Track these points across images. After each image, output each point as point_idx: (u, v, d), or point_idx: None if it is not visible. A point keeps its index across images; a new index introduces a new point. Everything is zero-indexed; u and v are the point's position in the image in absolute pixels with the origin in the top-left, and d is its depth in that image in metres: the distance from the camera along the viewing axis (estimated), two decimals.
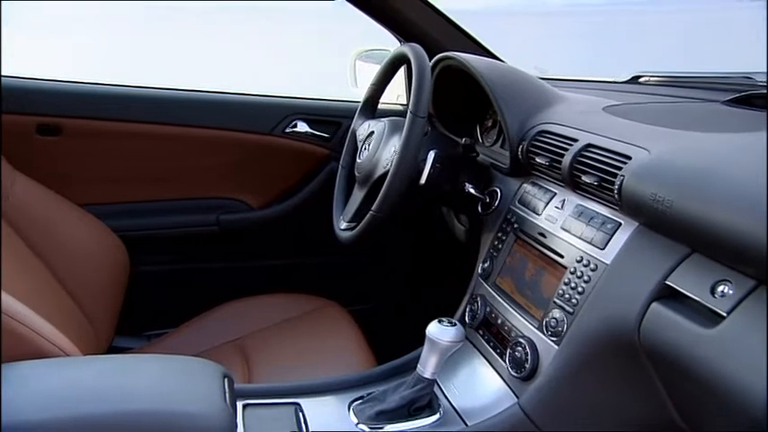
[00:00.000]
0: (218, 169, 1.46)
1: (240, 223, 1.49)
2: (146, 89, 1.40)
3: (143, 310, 1.39)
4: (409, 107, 1.00)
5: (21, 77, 1.32)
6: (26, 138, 1.28)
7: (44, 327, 0.85)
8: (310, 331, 1.30)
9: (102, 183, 1.38)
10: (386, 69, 1.20)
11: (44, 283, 1.12)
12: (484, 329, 0.97)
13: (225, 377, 0.83)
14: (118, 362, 0.84)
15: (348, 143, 1.26)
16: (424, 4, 1.36)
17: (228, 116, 1.42)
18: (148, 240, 1.41)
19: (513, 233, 0.99)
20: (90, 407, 0.71)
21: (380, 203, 1.01)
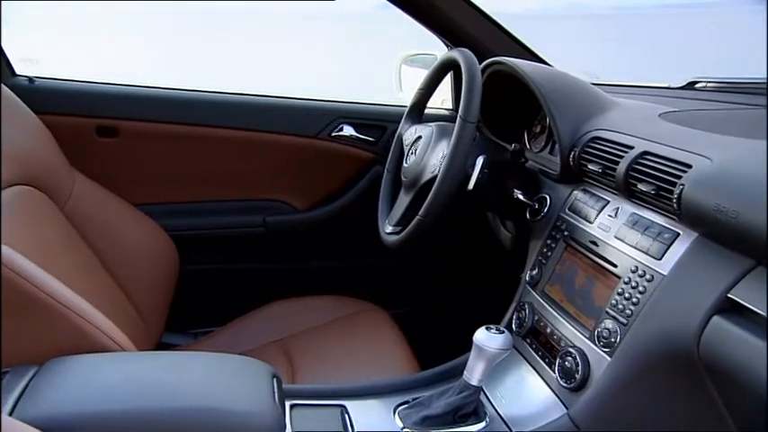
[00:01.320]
0: (266, 171, 1.48)
1: (286, 225, 1.51)
2: (199, 93, 1.44)
3: (190, 308, 1.42)
4: (459, 112, 0.99)
5: (82, 81, 1.38)
6: (86, 139, 1.33)
7: (103, 322, 0.88)
8: (353, 334, 1.31)
9: (155, 183, 1.42)
10: (434, 74, 1.19)
11: (101, 279, 1.16)
12: (531, 338, 0.96)
13: (274, 377, 0.85)
14: (171, 358, 0.87)
15: (394, 147, 1.26)
16: (471, 8, 1.35)
17: (277, 120, 1.45)
18: (197, 240, 1.44)
19: (562, 240, 0.97)
20: (145, 402, 0.73)
21: (428, 208, 1.01)
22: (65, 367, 0.77)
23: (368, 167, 1.52)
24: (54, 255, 1.01)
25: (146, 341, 1.23)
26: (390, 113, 1.53)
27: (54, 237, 1.09)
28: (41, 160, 1.12)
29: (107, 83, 1.40)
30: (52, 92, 1.32)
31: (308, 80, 3.55)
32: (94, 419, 0.70)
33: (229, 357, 0.86)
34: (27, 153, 1.08)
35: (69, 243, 1.13)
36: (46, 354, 0.81)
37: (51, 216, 1.11)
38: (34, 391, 0.73)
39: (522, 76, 1.08)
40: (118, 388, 0.74)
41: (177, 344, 1.40)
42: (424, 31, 1.42)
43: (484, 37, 1.34)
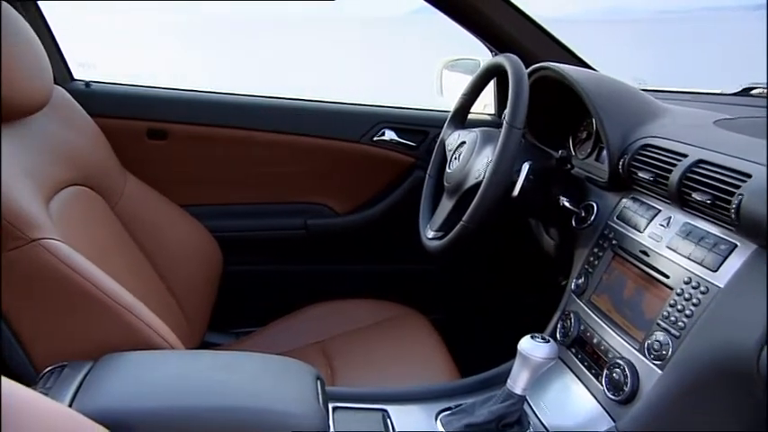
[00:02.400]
0: (308, 175, 1.50)
1: (326, 228, 1.52)
2: (245, 97, 1.47)
3: (232, 308, 1.45)
4: (506, 118, 0.99)
5: (134, 85, 1.42)
6: (137, 141, 1.37)
7: (154, 321, 0.91)
8: (392, 338, 1.31)
9: (201, 185, 1.45)
10: (479, 79, 1.19)
11: (148, 278, 1.20)
12: (577, 348, 0.94)
13: (317, 379, 0.86)
14: (219, 358, 0.88)
15: (436, 152, 1.26)
16: (517, 13, 1.34)
17: (320, 124, 1.47)
18: (240, 241, 1.47)
19: (610, 249, 0.95)
20: (196, 400, 0.75)
21: (472, 214, 1.01)
22: (119, 363, 0.80)
23: (409, 172, 1.52)
24: (106, 253, 1.04)
25: (190, 340, 1.25)
26: (432, 118, 1.53)
27: (106, 236, 1.13)
28: (96, 162, 1.16)
29: (158, 87, 1.44)
30: (107, 95, 1.37)
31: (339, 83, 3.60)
32: (147, 415, 0.72)
33: (274, 358, 0.87)
34: (83, 155, 1.12)
35: (120, 242, 1.17)
36: (100, 349, 0.84)
37: (104, 216, 1.15)
38: (91, 386, 0.76)
39: (570, 82, 1.07)
40: (169, 385, 0.76)
41: (219, 343, 1.43)
42: (459, 36, 1.41)
43: (529, 42, 1.33)
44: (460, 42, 1.54)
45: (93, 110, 1.21)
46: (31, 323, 0.87)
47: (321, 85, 2.87)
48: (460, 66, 1.64)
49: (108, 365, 0.79)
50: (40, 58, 0.99)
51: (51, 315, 0.87)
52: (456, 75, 1.63)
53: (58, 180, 1.02)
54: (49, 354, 0.86)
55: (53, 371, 0.80)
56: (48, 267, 0.84)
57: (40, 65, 0.99)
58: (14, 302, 0.86)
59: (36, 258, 0.84)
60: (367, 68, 4.20)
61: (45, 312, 0.87)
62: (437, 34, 1.44)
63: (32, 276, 0.85)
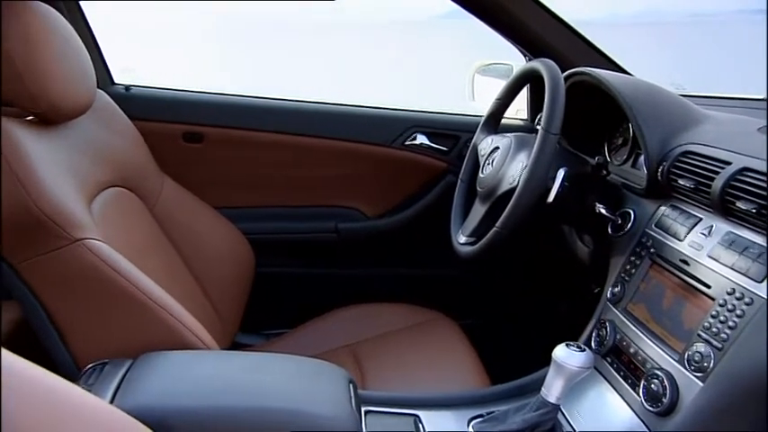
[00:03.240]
0: (340, 179, 1.51)
1: (357, 232, 1.53)
2: (279, 101, 1.49)
3: (263, 310, 1.46)
4: (542, 123, 0.98)
5: (171, 89, 1.45)
6: (174, 144, 1.40)
7: (190, 321, 0.92)
8: (422, 343, 1.31)
9: (235, 187, 1.48)
10: (514, 84, 1.18)
11: (183, 279, 1.22)
12: (613, 357, 0.93)
13: (350, 382, 0.86)
14: (254, 359, 0.90)
15: (469, 157, 1.26)
16: (551, 17, 1.33)
17: (353, 128, 1.48)
18: (272, 244, 1.49)
19: (648, 258, 0.94)
20: (232, 400, 0.76)
21: (506, 220, 1.00)
22: (157, 362, 0.81)
23: (440, 177, 1.52)
24: (144, 254, 1.07)
25: (222, 340, 1.27)
26: (464, 123, 1.53)
27: (144, 236, 1.16)
28: (136, 164, 1.18)
29: (194, 91, 1.47)
30: (145, 99, 1.40)
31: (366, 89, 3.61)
32: (185, 414, 0.73)
33: (308, 360, 0.88)
34: (123, 157, 1.15)
35: (157, 243, 1.19)
36: (139, 348, 0.85)
37: (142, 217, 1.17)
38: (130, 384, 0.77)
39: (607, 88, 1.06)
40: (206, 385, 0.78)
41: (250, 344, 1.45)
42: (486, 40, 1.40)
43: (564, 46, 1.32)
44: (488, 46, 1.54)
45: (132, 113, 1.24)
46: (73, 321, 0.89)
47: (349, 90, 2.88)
48: (492, 70, 1.63)
49: (147, 364, 0.81)
50: (86, 64, 1.02)
51: (93, 313, 0.89)
52: (488, 79, 1.62)
53: (100, 181, 1.05)
54: (89, 351, 0.89)
55: (94, 368, 0.83)
56: (90, 267, 0.87)
57: (85, 70, 1.02)
58: (58, 300, 0.88)
59: (79, 258, 0.86)
60: (395, 73, 4.21)
61: (87, 311, 0.89)
62: (465, 38, 1.44)
63: (75, 275, 0.87)
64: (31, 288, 0.87)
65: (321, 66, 4.34)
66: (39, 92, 0.90)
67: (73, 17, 1.29)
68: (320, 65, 4.34)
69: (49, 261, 0.86)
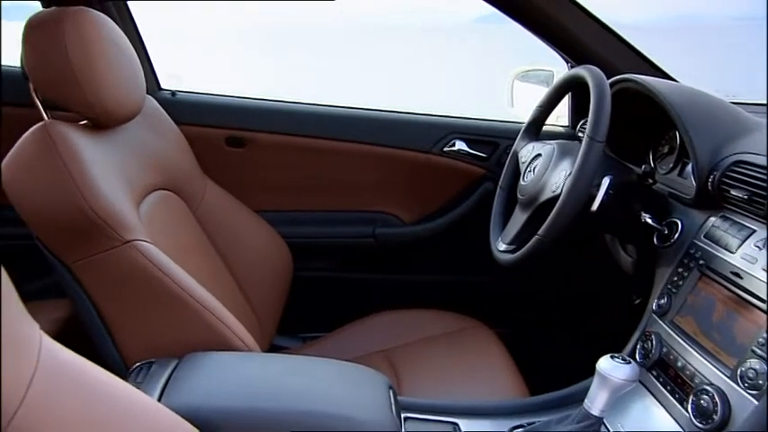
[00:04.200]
0: (378, 184, 1.52)
1: (394, 237, 1.53)
2: (318, 107, 1.51)
3: (300, 313, 1.48)
4: (587, 131, 0.97)
5: (215, 95, 1.48)
6: (217, 148, 1.43)
7: (233, 323, 0.94)
8: (458, 350, 1.30)
9: (275, 191, 1.50)
10: (557, 91, 1.17)
11: (225, 281, 1.24)
12: (659, 370, 0.90)
13: (390, 388, 0.86)
14: (295, 362, 0.90)
15: (509, 164, 1.25)
16: (594, 22, 1.31)
17: (392, 134, 1.48)
18: (310, 248, 1.50)
19: (696, 269, 0.91)
20: (276, 402, 0.77)
21: (548, 228, 0.99)
22: (202, 362, 0.83)
23: (478, 183, 1.51)
24: (187, 256, 1.09)
25: (260, 342, 1.28)
26: (503, 129, 1.52)
27: (188, 239, 1.18)
28: (181, 167, 1.21)
29: (237, 96, 1.50)
30: (190, 105, 1.44)
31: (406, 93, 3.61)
32: (229, 414, 0.75)
33: (349, 365, 0.89)
34: (169, 161, 1.18)
35: (199, 245, 1.22)
36: (184, 348, 0.87)
37: (186, 219, 1.20)
38: (177, 383, 0.79)
39: (654, 95, 1.04)
40: (251, 387, 0.79)
41: (287, 346, 1.46)
42: (524, 45, 1.39)
43: (608, 52, 1.30)
44: (524, 51, 1.52)
45: (177, 118, 1.27)
46: (122, 320, 0.92)
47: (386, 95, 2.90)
48: (532, 76, 1.61)
49: (192, 364, 0.83)
50: (137, 70, 1.05)
51: (140, 313, 0.91)
52: (528, 86, 1.61)
53: (147, 184, 1.08)
54: (137, 350, 0.91)
55: (142, 367, 0.85)
56: (139, 268, 0.89)
57: (137, 76, 1.05)
58: (108, 300, 0.91)
59: (129, 259, 0.89)
60: (430, 77, 4.20)
61: (135, 310, 0.91)
62: (500, 43, 1.43)
63: (125, 276, 0.90)
64: (84, 287, 0.90)
65: (356, 70, 4.38)
66: (94, 98, 0.93)
67: (124, 24, 1.33)
68: (355, 69, 4.38)
69: (101, 261, 0.89)
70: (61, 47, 0.90)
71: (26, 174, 0.88)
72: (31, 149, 0.88)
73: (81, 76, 0.91)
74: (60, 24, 0.91)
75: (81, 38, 0.92)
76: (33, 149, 0.88)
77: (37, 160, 0.87)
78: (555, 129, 1.50)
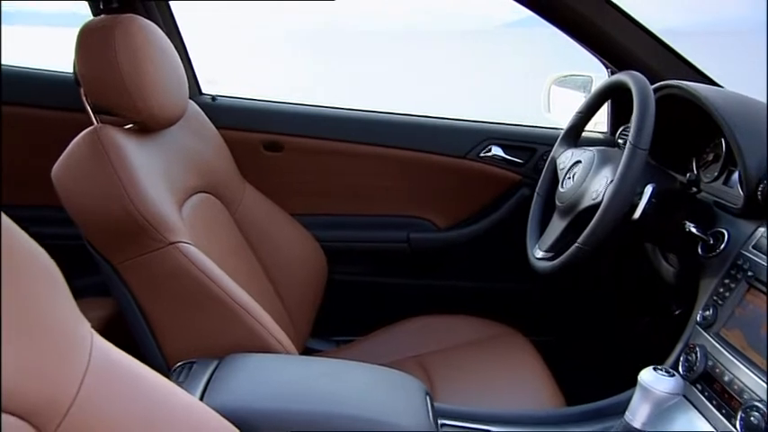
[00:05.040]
0: (413, 189, 1.52)
1: (429, 243, 1.53)
2: (355, 112, 1.52)
3: (333, 317, 1.48)
4: (630, 138, 0.95)
5: (253, 99, 1.51)
6: (255, 152, 1.45)
7: (272, 325, 0.95)
8: (492, 357, 1.29)
9: (311, 195, 1.51)
10: (598, 97, 1.16)
11: (261, 284, 1.25)
12: (704, 384, 0.88)
13: (426, 394, 0.86)
14: (333, 366, 0.91)
15: (546, 171, 1.23)
16: (637, 27, 1.29)
17: (427, 139, 1.48)
18: (344, 252, 1.51)
19: (744, 281, 0.88)
20: (315, 405, 0.77)
21: (588, 236, 0.97)
22: (242, 364, 0.84)
23: (514, 189, 1.50)
24: (226, 258, 1.11)
25: (294, 345, 1.30)
26: (541, 135, 1.51)
27: (226, 241, 1.20)
28: (221, 171, 1.23)
29: (275, 101, 1.52)
30: (229, 109, 1.46)
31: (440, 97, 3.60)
32: (269, 416, 0.76)
33: (386, 370, 0.89)
34: (210, 164, 1.20)
35: (237, 247, 1.24)
36: (224, 349, 0.89)
37: (225, 222, 1.22)
38: (218, 383, 0.80)
39: (701, 102, 1.01)
40: (290, 389, 0.80)
41: (320, 349, 1.47)
42: (558, 50, 1.37)
43: (650, 58, 1.27)
44: (557, 55, 1.51)
45: (217, 122, 1.30)
46: (164, 320, 0.94)
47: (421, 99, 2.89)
48: (570, 82, 1.60)
49: (232, 365, 0.84)
50: (181, 75, 1.07)
51: (182, 313, 0.93)
52: (565, 91, 1.59)
53: (189, 187, 1.10)
54: (178, 349, 0.93)
55: (183, 366, 0.86)
56: (182, 269, 0.91)
57: (181, 81, 1.07)
58: (152, 300, 0.93)
59: (172, 260, 0.91)
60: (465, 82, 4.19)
61: (177, 311, 0.93)
62: (534, 48, 1.42)
63: (168, 277, 0.92)
64: (129, 287, 0.93)
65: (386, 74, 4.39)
66: (141, 102, 0.95)
67: (168, 29, 1.37)
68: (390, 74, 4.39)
69: (146, 262, 0.91)
70: (111, 53, 0.92)
71: (77, 176, 0.90)
72: (81, 153, 0.91)
73: (129, 81, 0.93)
74: (111, 31, 0.93)
75: (130, 44, 0.94)
76: (84, 153, 0.91)
77: (87, 163, 0.90)
78: (593, 135, 1.48)
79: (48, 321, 0.56)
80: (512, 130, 1.52)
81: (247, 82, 3.85)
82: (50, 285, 0.58)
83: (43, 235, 0.56)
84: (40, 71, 1.44)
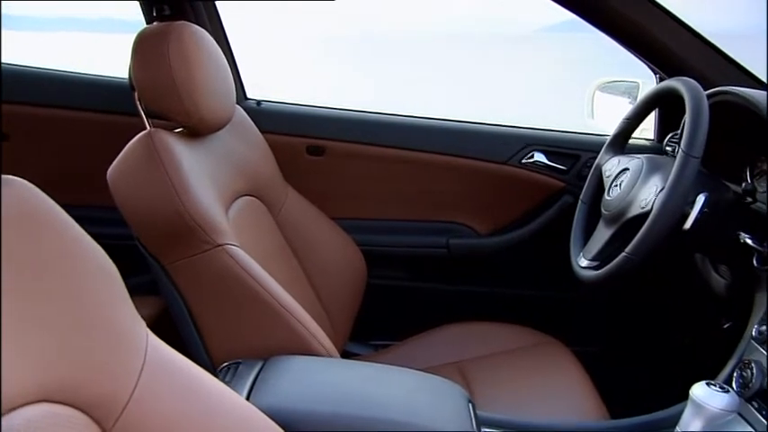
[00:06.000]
0: (453, 194, 1.51)
1: (468, 249, 1.52)
2: (397, 117, 1.52)
3: (372, 321, 1.49)
4: (682, 146, 0.93)
5: (297, 104, 1.53)
6: (297, 156, 1.47)
7: (314, 327, 0.96)
8: (532, 366, 1.28)
9: (351, 199, 1.52)
10: (647, 104, 1.13)
11: (302, 286, 1.27)
12: (760, 402, 0.85)
13: (469, 402, 0.85)
14: (376, 370, 0.91)
15: (591, 178, 1.21)
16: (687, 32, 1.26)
17: (469, 144, 1.47)
18: (383, 256, 1.51)
19: None
20: (359, 409, 0.78)
21: (637, 245, 0.95)
22: (287, 366, 0.85)
23: (557, 196, 1.47)
24: (269, 260, 1.12)
25: None
26: (584, 142, 1.48)
27: (270, 243, 1.22)
28: (265, 174, 1.25)
29: (318, 106, 1.54)
30: (273, 114, 1.48)
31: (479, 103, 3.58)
32: (314, 418, 0.77)
33: (428, 376, 0.89)
34: (255, 168, 1.22)
35: (280, 250, 1.26)
36: (268, 350, 0.90)
37: (269, 225, 1.24)
38: (263, 384, 0.82)
39: (758, 110, 0.98)
40: (334, 392, 0.80)
41: (358, 353, 1.47)
42: (597, 55, 1.35)
43: (701, 63, 1.24)
44: (596, 61, 1.48)
45: (261, 126, 1.32)
46: (211, 320, 0.96)
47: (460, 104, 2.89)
48: (615, 88, 1.57)
49: (277, 366, 0.85)
50: (229, 80, 1.10)
51: (229, 314, 0.95)
52: (610, 97, 1.56)
53: (235, 190, 1.12)
54: (224, 349, 0.95)
55: (229, 367, 0.88)
56: (229, 271, 0.93)
57: (229, 86, 1.10)
58: (199, 301, 0.95)
59: (219, 262, 0.93)
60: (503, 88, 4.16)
61: (223, 311, 0.95)
62: (568, 53, 1.39)
63: (215, 278, 0.94)
64: (178, 287, 0.95)
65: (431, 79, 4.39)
66: (192, 107, 0.98)
67: (216, 34, 1.40)
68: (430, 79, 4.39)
69: (194, 263, 0.93)
70: (165, 59, 0.95)
71: (131, 178, 0.93)
72: (135, 156, 0.94)
73: (181, 86, 0.96)
74: (165, 38, 0.96)
75: (182, 51, 0.97)
76: (138, 156, 0.94)
77: (141, 166, 0.93)
78: (640, 142, 1.45)
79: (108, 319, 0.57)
80: (555, 136, 1.50)
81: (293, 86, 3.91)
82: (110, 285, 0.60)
83: (96, 235, 0.58)
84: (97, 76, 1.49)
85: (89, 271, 0.57)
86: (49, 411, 0.50)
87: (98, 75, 1.49)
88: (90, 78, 1.48)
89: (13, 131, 1.37)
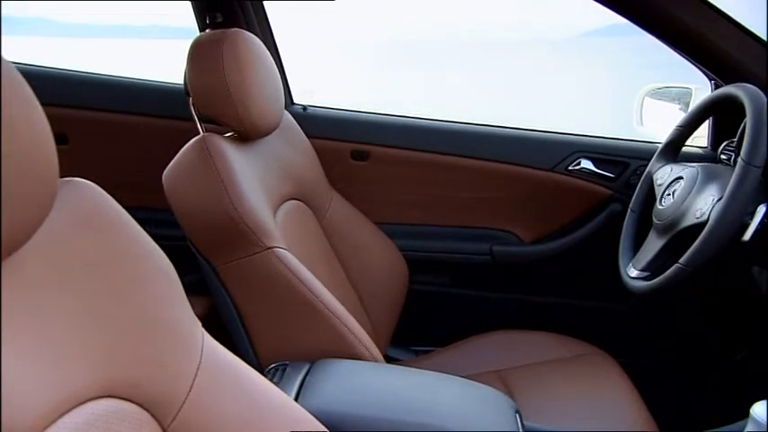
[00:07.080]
0: (498, 201, 1.50)
1: (512, 256, 1.50)
2: (441, 122, 1.52)
3: (413, 326, 1.49)
4: (742, 155, 0.90)
5: (342, 110, 1.55)
6: (342, 161, 1.48)
7: (360, 331, 0.96)
8: (578, 377, 1.25)
9: (395, 204, 1.52)
10: (703, 111, 1.10)
11: (345, 290, 1.28)
12: None
13: (516, 412, 0.84)
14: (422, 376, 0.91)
15: (641, 186, 1.19)
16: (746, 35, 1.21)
17: (514, 151, 1.46)
18: (426, 262, 1.51)
19: None
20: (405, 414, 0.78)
21: (692, 257, 0.93)
22: (333, 369, 0.86)
23: (604, 204, 1.44)
24: (315, 264, 1.13)
25: None
26: (633, 149, 1.45)
27: (315, 247, 1.23)
28: (311, 179, 1.27)
29: (363, 111, 1.55)
30: (319, 119, 1.50)
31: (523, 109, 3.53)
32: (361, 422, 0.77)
33: (473, 384, 0.88)
34: (302, 172, 1.24)
35: (325, 254, 1.27)
36: (314, 353, 0.91)
37: (314, 229, 1.25)
38: (311, 387, 0.83)
39: None
40: (381, 397, 0.81)
41: (400, 358, 1.47)
42: (642, 61, 1.31)
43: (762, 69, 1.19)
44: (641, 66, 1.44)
45: (307, 131, 1.34)
46: (259, 322, 0.98)
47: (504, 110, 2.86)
48: (665, 94, 1.53)
49: (324, 370, 0.86)
50: (279, 86, 1.12)
51: (276, 316, 0.97)
52: (660, 103, 1.52)
53: (282, 194, 1.14)
54: (271, 351, 0.96)
55: (277, 368, 0.89)
56: (277, 274, 0.94)
57: (278, 92, 1.12)
58: (248, 302, 0.97)
59: (269, 265, 0.94)
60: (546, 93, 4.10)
61: (271, 313, 0.97)
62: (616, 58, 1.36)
63: (264, 280, 0.95)
64: (227, 289, 0.97)
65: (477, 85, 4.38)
66: (244, 112, 1.00)
67: (266, 41, 1.42)
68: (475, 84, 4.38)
69: (244, 266, 0.95)
70: (219, 66, 0.98)
71: (185, 182, 0.96)
72: (189, 160, 0.97)
73: (234, 92, 0.98)
74: (219, 45, 0.99)
75: (236, 57, 0.99)
76: (192, 160, 0.96)
77: (195, 170, 0.96)
78: (692, 150, 1.41)
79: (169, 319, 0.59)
80: (602, 143, 1.47)
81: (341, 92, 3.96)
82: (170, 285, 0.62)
83: (150, 236, 0.60)
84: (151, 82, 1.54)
85: (151, 271, 0.59)
86: (114, 406, 0.52)
87: (152, 80, 1.54)
88: (145, 84, 1.53)
89: (73, 134, 1.43)
